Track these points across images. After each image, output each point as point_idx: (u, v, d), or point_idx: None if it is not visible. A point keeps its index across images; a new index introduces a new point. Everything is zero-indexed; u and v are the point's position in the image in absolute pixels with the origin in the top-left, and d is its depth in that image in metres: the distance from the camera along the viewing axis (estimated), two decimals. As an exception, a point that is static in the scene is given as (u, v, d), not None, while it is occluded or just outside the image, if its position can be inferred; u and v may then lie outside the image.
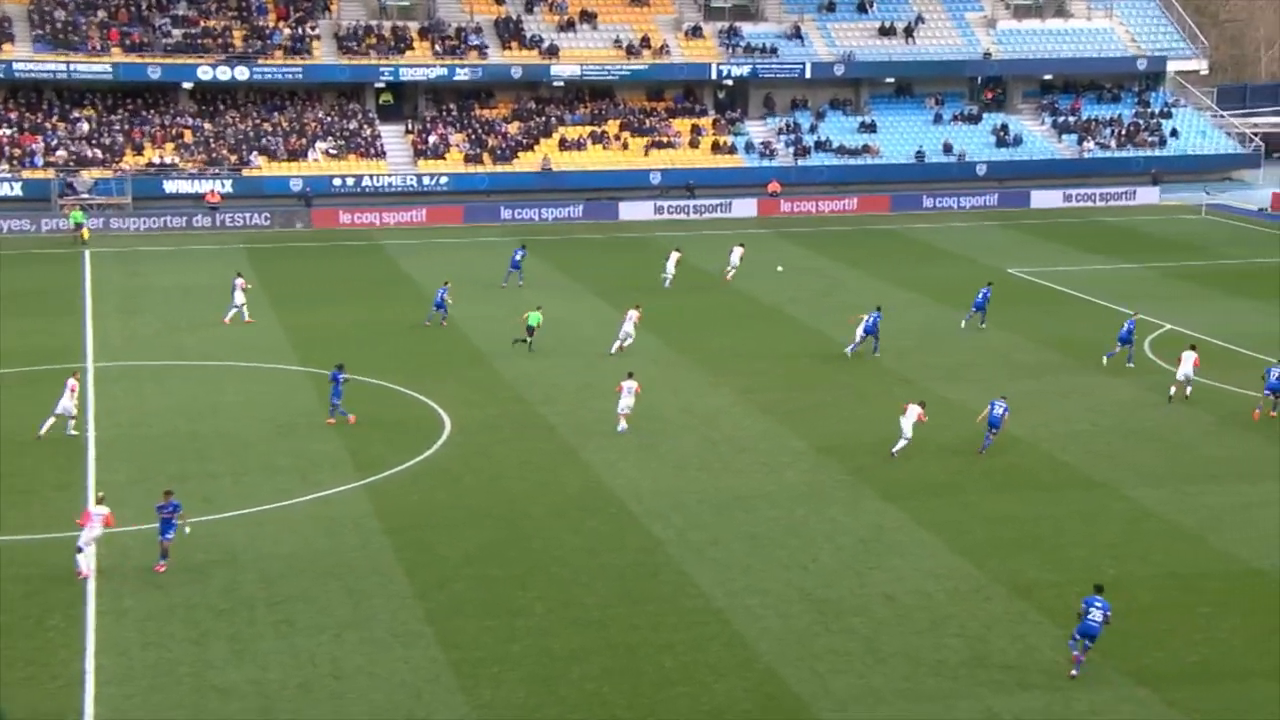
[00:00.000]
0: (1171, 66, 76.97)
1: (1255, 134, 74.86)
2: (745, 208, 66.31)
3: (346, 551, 25.93)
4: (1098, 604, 21.54)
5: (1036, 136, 74.04)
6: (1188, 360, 35.79)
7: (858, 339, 39.61)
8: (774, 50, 73.62)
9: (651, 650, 22.38)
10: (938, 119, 74.47)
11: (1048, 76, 76.94)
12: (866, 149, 71.62)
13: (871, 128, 73.18)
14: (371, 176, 66.47)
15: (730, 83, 73.61)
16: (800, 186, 69.12)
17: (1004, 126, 73.68)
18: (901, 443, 31.02)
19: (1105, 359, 38.71)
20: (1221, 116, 76.59)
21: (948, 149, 71.99)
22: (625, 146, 70.22)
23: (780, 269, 52.14)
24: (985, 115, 74.82)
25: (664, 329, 42.48)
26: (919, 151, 71.66)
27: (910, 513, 27.84)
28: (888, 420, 33.91)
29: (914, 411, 31.03)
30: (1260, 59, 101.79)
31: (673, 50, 73.44)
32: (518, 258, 49.75)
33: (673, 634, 22.91)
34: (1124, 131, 73.78)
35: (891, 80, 75.65)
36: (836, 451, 31.67)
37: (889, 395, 36.18)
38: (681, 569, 25.19)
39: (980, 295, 43.29)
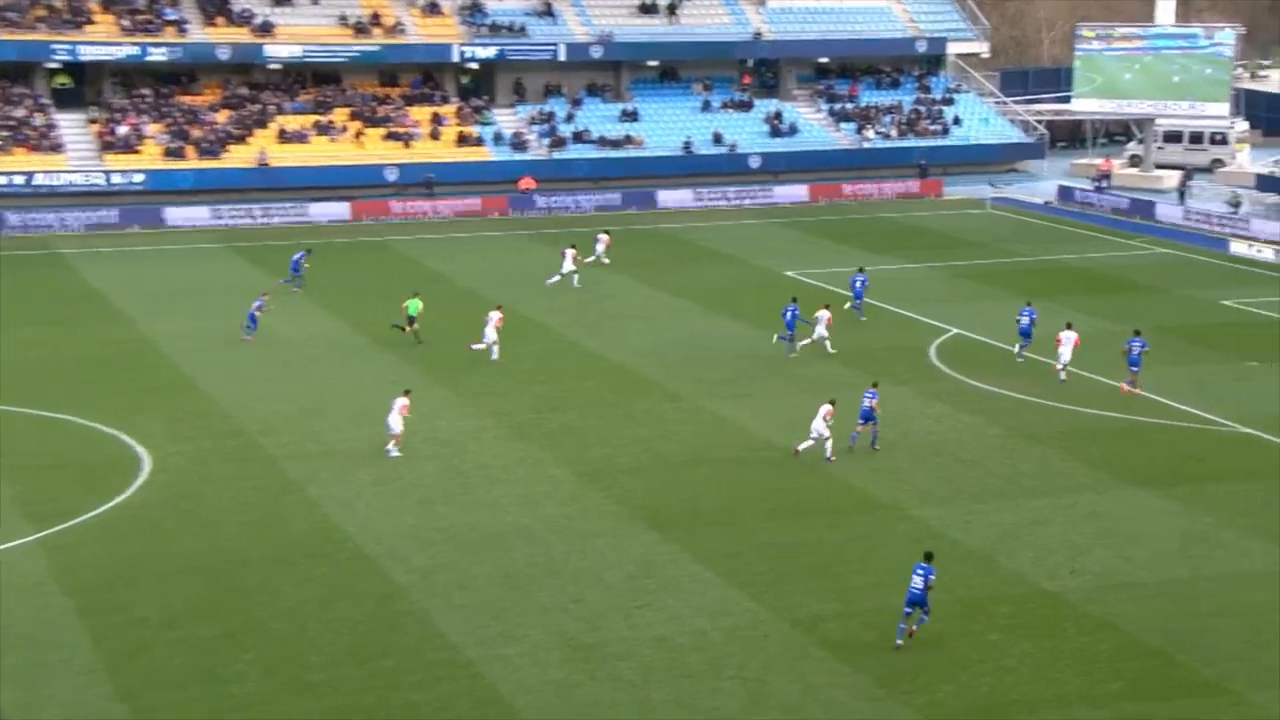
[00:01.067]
0: (952, 49, 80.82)
1: (1039, 122, 79.15)
2: (495, 205, 66.35)
3: (15, 621, 24.68)
4: (920, 570, 24.02)
5: (813, 125, 76.48)
6: (1068, 341, 38.89)
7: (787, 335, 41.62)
8: (523, 29, 73.99)
9: (390, 712, 22.07)
10: (706, 106, 76.14)
11: (823, 59, 79.66)
12: (629, 139, 72.63)
13: (634, 116, 74.26)
14: (47, 173, 63.72)
15: (475, 66, 73.65)
16: (556, 182, 69.56)
17: (778, 114, 75.83)
18: (808, 442, 32.54)
19: (1019, 358, 41.03)
20: (1005, 103, 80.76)
21: (718, 139, 73.65)
22: (356, 138, 69.34)
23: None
24: (758, 102, 76.86)
25: (404, 343, 42.05)
26: (687, 142, 73.08)
27: (683, 544, 28.26)
28: (657, 440, 34.42)
29: (823, 410, 32.63)
30: (1042, 41, 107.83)
31: (408, 29, 72.99)
32: (298, 258, 49.70)
33: (414, 693, 22.65)
34: (904, 120, 76.97)
35: (655, 63, 76.99)
36: (601, 478, 31.90)
37: (656, 413, 36.70)
38: (425, 618, 24.96)
39: (858, 283, 46.49)
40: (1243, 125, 79.40)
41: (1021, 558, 27.80)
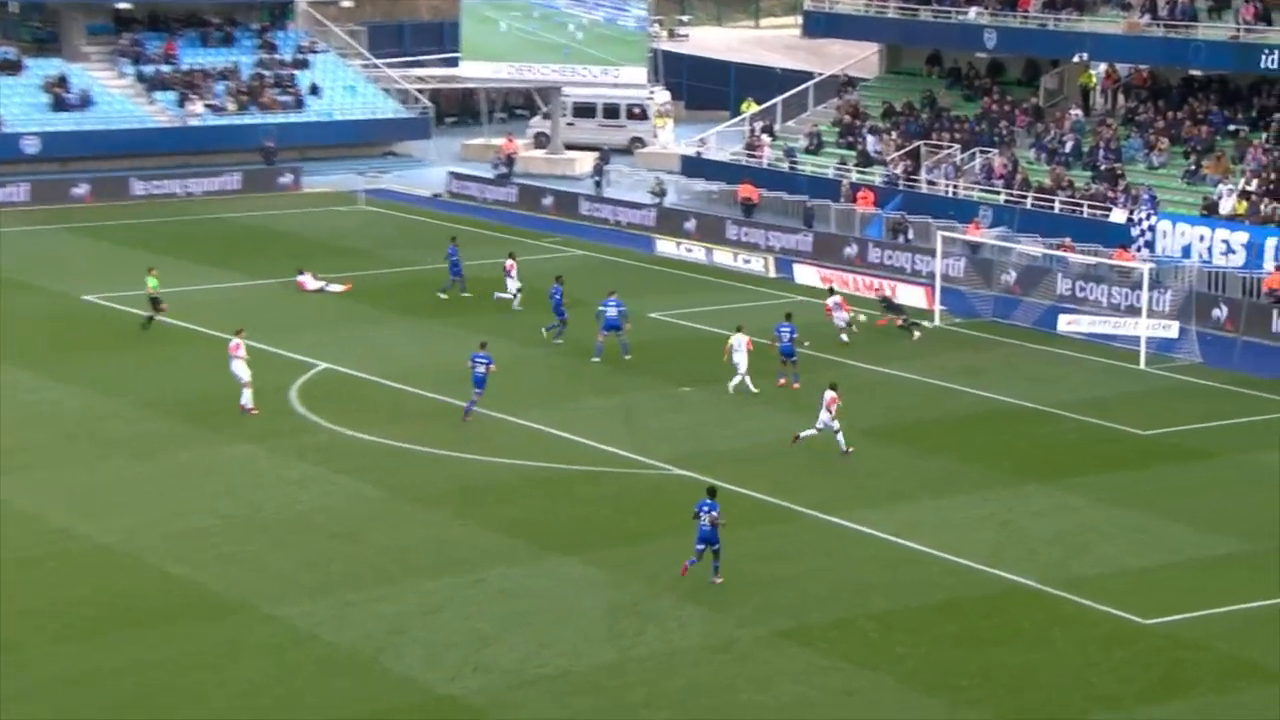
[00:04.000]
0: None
1: (422, 91, 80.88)
2: None
3: None
4: (705, 508, 30.58)
5: (115, 95, 75.21)
6: (837, 305, 47.60)
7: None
8: None
9: None
10: (-49, 68, 73.43)
11: (123, 5, 77.95)
12: None
13: None
14: None
15: None
16: None
17: (62, 80, 74.09)
18: (811, 431, 38.28)
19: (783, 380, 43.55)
20: (376, 66, 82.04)
21: (-24, 114, 71.30)
22: None
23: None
24: (31, 63, 74.77)
25: None
26: (-77, 119, 70.31)
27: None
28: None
29: (826, 398, 37.99)
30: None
31: None
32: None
33: None
34: (244, 88, 76.68)
35: None
36: None
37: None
38: None
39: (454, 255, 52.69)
40: (664, 96, 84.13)
41: (411, 657, 28.14)
